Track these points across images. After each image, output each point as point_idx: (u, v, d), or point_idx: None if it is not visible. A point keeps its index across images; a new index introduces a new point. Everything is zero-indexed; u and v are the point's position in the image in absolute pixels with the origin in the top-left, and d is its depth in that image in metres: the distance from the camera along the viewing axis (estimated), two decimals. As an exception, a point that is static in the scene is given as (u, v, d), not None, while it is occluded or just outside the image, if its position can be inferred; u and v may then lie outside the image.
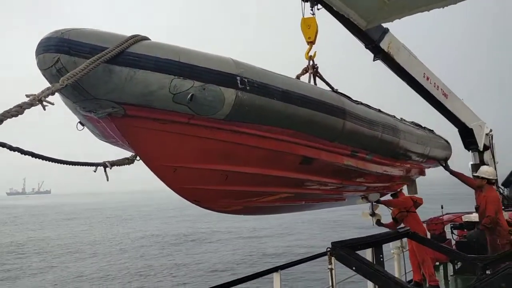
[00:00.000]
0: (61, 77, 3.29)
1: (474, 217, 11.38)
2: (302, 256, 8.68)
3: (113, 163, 4.43)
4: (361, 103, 6.02)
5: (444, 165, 9.93)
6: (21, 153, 3.31)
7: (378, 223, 9.81)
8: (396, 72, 9.50)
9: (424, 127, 8.96)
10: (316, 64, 8.27)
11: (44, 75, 3.57)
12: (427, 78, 9.83)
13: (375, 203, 9.26)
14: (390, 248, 10.53)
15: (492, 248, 9.80)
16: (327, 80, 8.25)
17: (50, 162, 3.75)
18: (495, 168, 11.85)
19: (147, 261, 32.90)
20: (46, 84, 3.69)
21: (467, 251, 9.52)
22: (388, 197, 10.51)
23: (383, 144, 6.23)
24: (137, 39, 3.79)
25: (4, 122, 2.90)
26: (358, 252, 6.04)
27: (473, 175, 10.50)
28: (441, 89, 10.25)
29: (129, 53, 3.65)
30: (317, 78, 8.27)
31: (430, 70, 9.99)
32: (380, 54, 8.92)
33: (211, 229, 50.81)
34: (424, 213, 9.48)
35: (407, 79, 9.62)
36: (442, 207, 14.33)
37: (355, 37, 8.78)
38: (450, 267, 12.06)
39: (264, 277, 6.93)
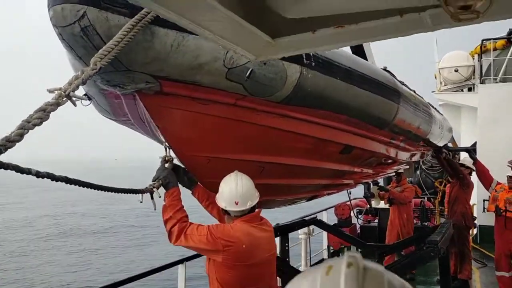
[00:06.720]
0: (92, 57, 2.30)
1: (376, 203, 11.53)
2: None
3: (158, 185, 3.37)
4: (403, 83, 5.26)
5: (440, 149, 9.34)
6: (52, 180, 2.40)
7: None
8: None
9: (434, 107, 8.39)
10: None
11: (60, 35, 2.52)
12: None
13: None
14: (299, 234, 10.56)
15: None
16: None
17: (88, 188, 2.71)
18: None
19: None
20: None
21: (370, 235, 11.43)
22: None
23: (419, 131, 5.54)
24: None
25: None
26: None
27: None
28: None
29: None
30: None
31: None
32: None
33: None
34: (334, 197, 9.37)
35: None
36: (349, 192, 14.21)
37: None
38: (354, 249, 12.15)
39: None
